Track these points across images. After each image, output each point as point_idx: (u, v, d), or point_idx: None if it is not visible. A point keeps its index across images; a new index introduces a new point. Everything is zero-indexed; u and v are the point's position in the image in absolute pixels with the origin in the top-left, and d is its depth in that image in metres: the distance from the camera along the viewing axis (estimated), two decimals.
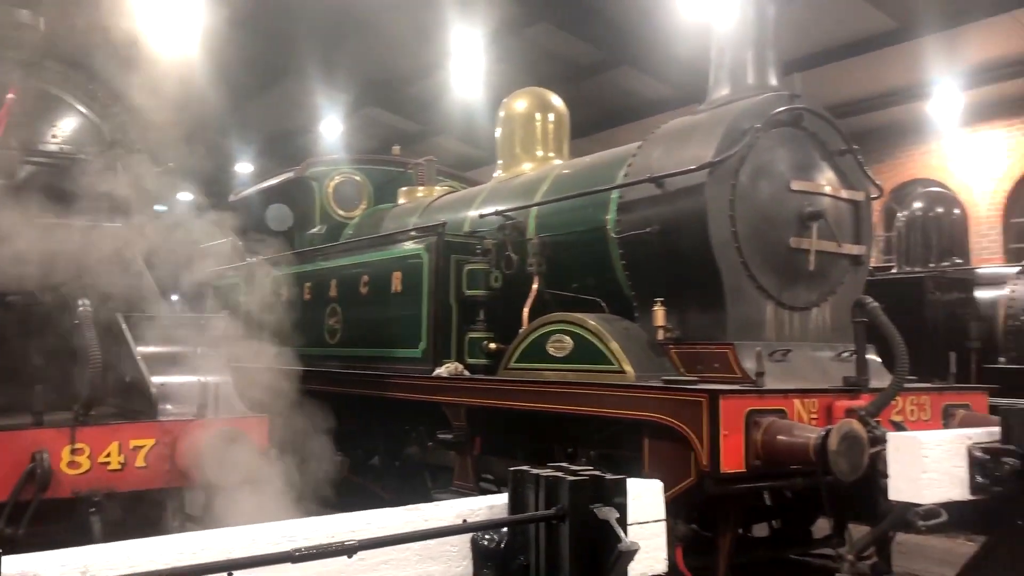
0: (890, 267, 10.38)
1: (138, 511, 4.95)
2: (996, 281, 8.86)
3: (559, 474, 2.18)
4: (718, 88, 6.07)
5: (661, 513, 2.58)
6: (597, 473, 2.21)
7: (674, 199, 5.49)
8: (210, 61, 7.54)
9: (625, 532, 2.14)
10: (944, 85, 13.50)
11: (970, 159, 14.75)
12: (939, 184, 15.24)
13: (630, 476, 2.63)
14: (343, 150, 20.92)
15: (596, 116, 16.94)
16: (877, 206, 15.68)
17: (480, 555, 2.21)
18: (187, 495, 5.32)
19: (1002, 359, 8.33)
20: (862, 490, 4.57)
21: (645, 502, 2.53)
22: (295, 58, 17.58)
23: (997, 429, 3.62)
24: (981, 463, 3.49)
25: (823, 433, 4.20)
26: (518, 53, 15.38)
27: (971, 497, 3.51)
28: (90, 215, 5.65)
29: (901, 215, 10.19)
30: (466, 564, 2.22)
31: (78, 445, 4.62)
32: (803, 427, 4.47)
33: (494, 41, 14.91)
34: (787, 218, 5.50)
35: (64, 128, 5.95)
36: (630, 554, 2.06)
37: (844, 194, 5.83)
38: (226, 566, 1.77)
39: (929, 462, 3.37)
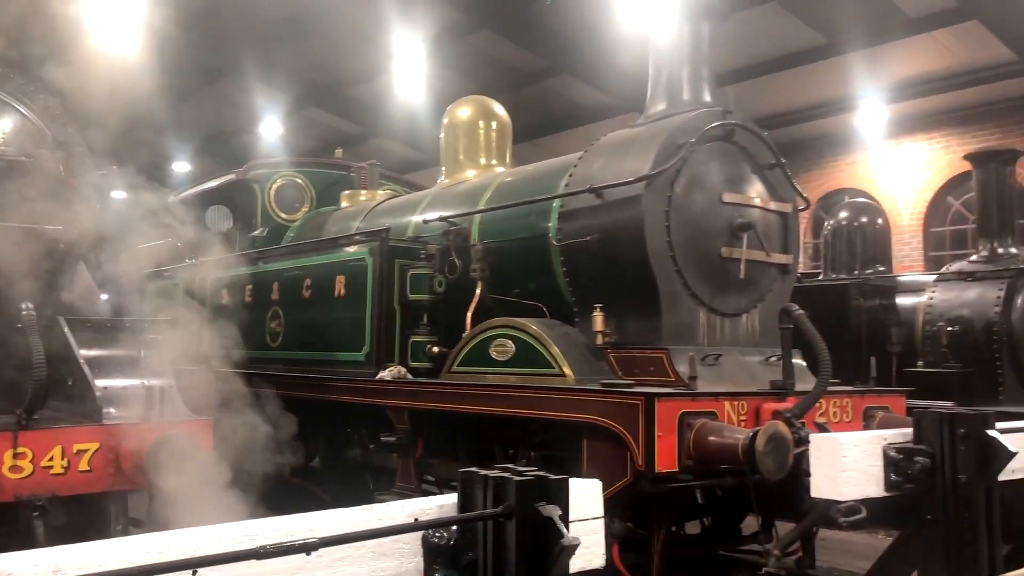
0: (817, 274, 10.74)
1: (82, 515, 4.95)
2: (916, 288, 9.23)
3: (506, 475, 2.32)
4: (655, 103, 6.29)
5: (600, 511, 2.73)
6: (541, 474, 2.35)
7: (613, 209, 5.68)
8: (149, 60, 7.50)
9: (567, 529, 2.29)
10: (869, 99, 14.02)
11: (893, 170, 15.32)
12: (865, 194, 15.83)
13: (569, 476, 2.79)
14: (283, 151, 20.75)
15: (538, 122, 17.15)
16: (806, 214, 16.29)
17: (431, 552, 2.34)
18: (131, 499, 5.33)
19: (920, 363, 8.66)
20: (787, 488, 4.81)
21: (584, 501, 2.68)
22: (234, 58, 17.42)
23: (910, 430, 3.87)
24: (895, 462, 3.72)
25: (751, 434, 4.42)
26: (461, 58, 15.50)
27: (886, 494, 3.74)
28: (31, 217, 5.60)
29: (828, 224, 10.55)
30: (417, 560, 2.34)
31: (20, 449, 4.61)
32: (733, 428, 4.68)
33: (437, 46, 14.99)
34: (719, 229, 5.73)
35: (4, 129, 5.89)
36: (572, 549, 2.21)
37: (773, 206, 6.09)
38: (195, 563, 1.87)
39: (848, 461, 3.59)
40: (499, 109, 8.57)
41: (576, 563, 2.57)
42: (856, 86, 13.60)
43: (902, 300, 9.25)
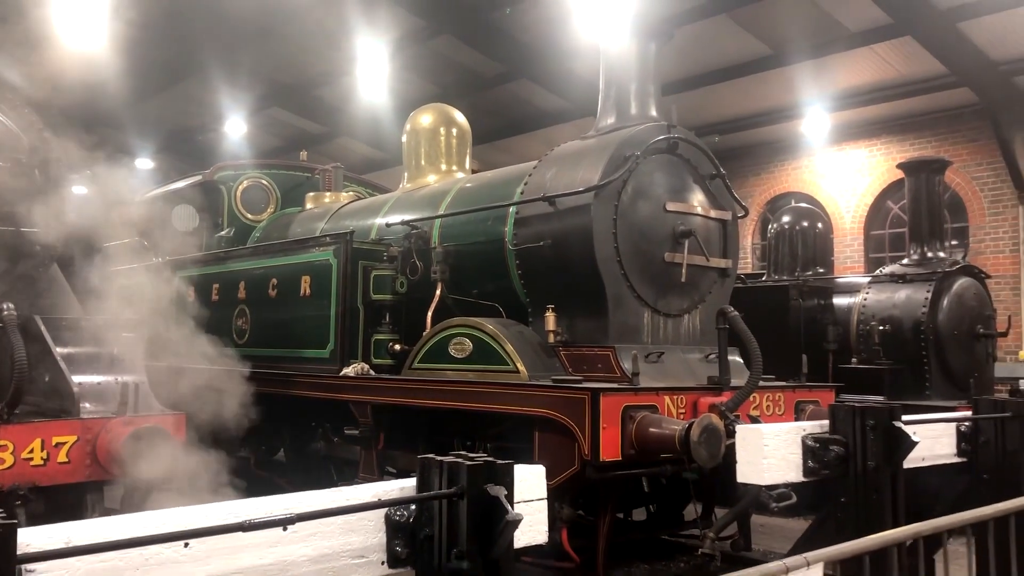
0: (762, 275, 11.15)
1: (60, 504, 5.15)
2: (852, 289, 9.68)
3: (459, 460, 2.61)
4: (605, 116, 6.62)
5: (543, 493, 3.04)
6: (490, 459, 2.65)
7: (564, 217, 6.00)
8: (113, 60, 7.64)
9: (512, 507, 2.59)
10: (814, 108, 14.50)
11: (837, 175, 15.84)
12: (810, 197, 16.35)
13: (518, 463, 3.09)
14: (248, 149, 20.80)
15: (498, 124, 17.43)
16: (755, 216, 16.75)
17: (392, 528, 2.63)
18: (106, 489, 5.54)
19: (854, 360, 9.10)
20: (722, 476, 5.17)
21: (530, 484, 2.99)
22: (199, 58, 17.43)
23: (827, 422, 4.23)
24: (812, 450, 4.08)
25: (687, 426, 4.77)
26: (423, 62, 15.71)
27: (804, 479, 4.09)
28: (9, 221, 5.77)
29: (771, 228, 10.97)
30: (381, 536, 2.63)
31: (2, 442, 4.82)
32: (671, 420, 5.03)
33: (399, 49, 15.19)
34: (663, 235, 6.08)
35: None
36: (515, 523, 2.51)
37: (713, 214, 6.45)
38: (187, 535, 2.15)
39: (769, 450, 3.93)
40: (459, 116, 8.84)
41: (523, 538, 2.89)
42: (801, 95, 14.06)
43: (839, 300, 9.69)
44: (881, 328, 8.85)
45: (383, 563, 2.63)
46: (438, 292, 6.91)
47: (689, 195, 6.34)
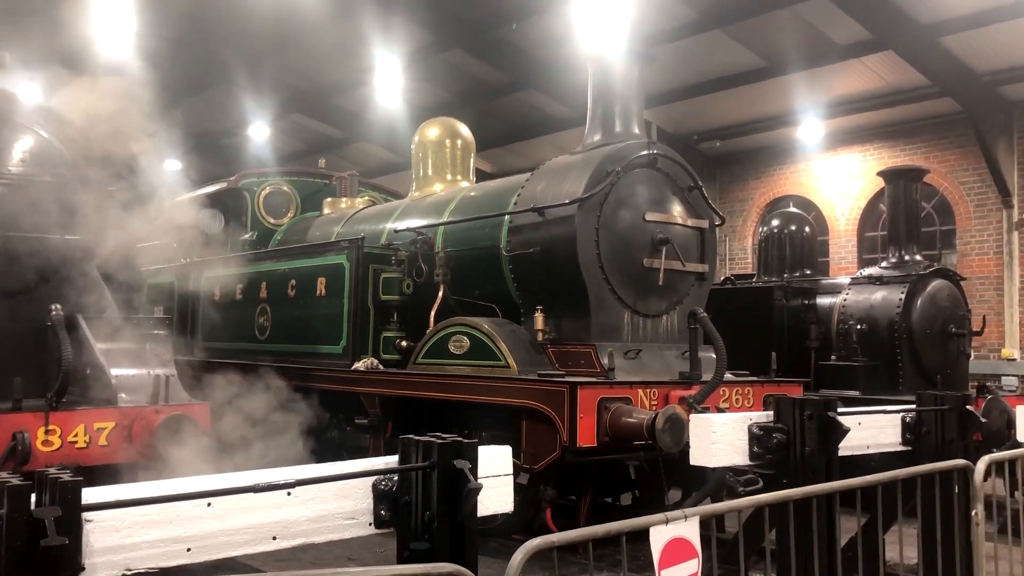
0: (753, 276, 11.57)
1: (100, 482, 5.68)
2: (834, 290, 10.08)
3: (432, 439, 3.12)
4: (592, 134, 7.10)
5: (509, 469, 3.52)
6: (458, 438, 3.15)
7: (551, 226, 6.49)
8: (146, 71, 8.16)
9: (475, 479, 3.09)
10: (809, 115, 14.90)
11: (832, 179, 16.20)
12: (807, 200, 16.74)
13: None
14: (270, 153, 21.42)
15: (508, 129, 17.96)
16: (754, 219, 17.11)
17: (378, 495, 3.12)
18: (141, 469, 6.07)
19: (833, 357, 9.51)
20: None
21: (497, 462, 3.48)
22: (225, 68, 18.04)
23: (772, 412, 4.68)
24: (757, 437, 4.52)
25: (653, 416, 5.25)
26: (435, 72, 16.25)
27: (750, 463, 4.56)
28: (54, 229, 6.30)
29: (761, 231, 11.39)
30: (368, 501, 3.13)
31: (51, 427, 5.34)
32: (641, 411, 5.51)
33: (413, 61, 15.72)
34: (642, 243, 6.55)
35: (30, 152, 6.56)
36: (476, 491, 3.00)
37: (691, 223, 6.91)
38: (209, 494, 2.67)
39: (717, 436, 4.38)
40: (464, 129, 9.33)
41: (491, 507, 3.38)
42: (796, 103, 14.47)
43: (822, 300, 10.09)
44: (859, 327, 9.26)
45: (370, 524, 3.14)
46: (440, 293, 7.41)
47: (668, 205, 6.80)
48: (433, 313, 7.36)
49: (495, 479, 3.43)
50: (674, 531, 2.48)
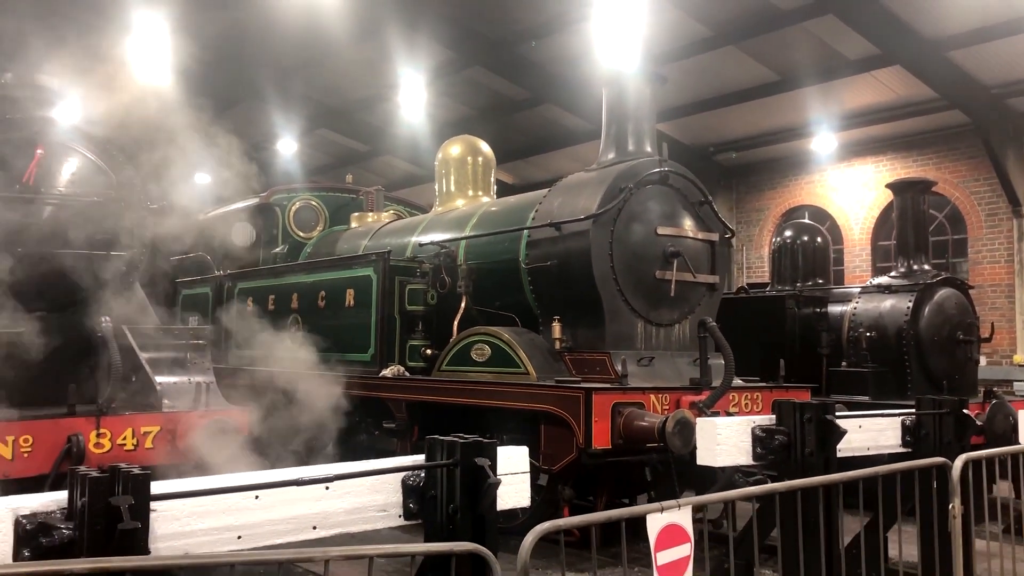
0: (766, 285, 11.77)
1: None
2: (844, 299, 10.27)
3: (455, 439, 3.41)
4: (607, 152, 7.38)
5: (526, 467, 3.80)
6: (479, 439, 3.44)
7: (567, 240, 6.78)
8: (178, 90, 8.50)
9: (495, 475, 3.38)
10: (822, 127, 15.10)
11: (847, 189, 16.37)
12: (822, 210, 16.91)
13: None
14: (299, 166, 21.87)
15: (529, 142, 18.29)
16: (771, 227, 17.27)
17: (406, 489, 3.42)
18: (184, 471, 6.40)
19: (844, 363, 9.70)
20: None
21: (515, 461, 3.76)
22: (254, 84, 18.50)
23: (774, 416, 4.93)
24: (760, 439, 4.76)
25: (664, 419, 5.50)
26: (457, 88, 16.61)
27: (753, 463, 4.80)
28: (101, 245, 6.65)
29: (775, 241, 11.60)
30: (398, 495, 3.42)
31: (102, 430, 5.68)
32: (652, 415, 5.77)
33: (436, 78, 16.09)
34: (654, 255, 6.82)
35: (79, 175, 6.91)
36: (495, 486, 3.29)
37: (701, 236, 7.17)
38: (258, 486, 2.97)
39: (722, 437, 4.63)
40: (484, 146, 9.64)
41: (509, 501, 3.66)
42: (810, 116, 14.68)
43: (833, 309, 10.30)
44: (868, 334, 9.45)
45: (400, 516, 3.43)
46: (463, 304, 7.69)
47: (679, 220, 7.06)
48: (456, 322, 7.65)
49: (513, 476, 3.72)
50: (668, 518, 2.75)
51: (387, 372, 7.87)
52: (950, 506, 4.05)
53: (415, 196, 17.22)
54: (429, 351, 7.88)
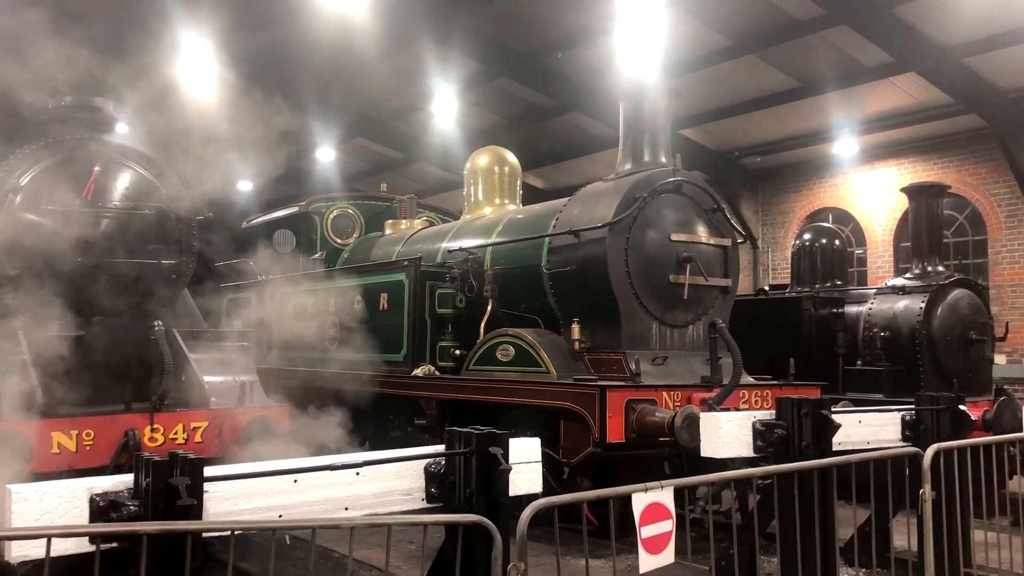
0: (786, 286, 11.95)
1: None
2: (860, 300, 10.44)
3: (471, 431, 3.75)
4: (624, 163, 7.68)
5: (537, 457, 4.11)
6: (493, 430, 3.77)
7: (585, 247, 7.09)
8: (225, 104, 8.90)
9: (506, 462, 3.71)
10: (843, 131, 15.22)
11: (869, 192, 16.44)
12: (845, 212, 17.00)
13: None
14: (336, 174, 22.39)
15: (557, 148, 18.61)
16: (795, 228, 17.37)
17: (428, 476, 3.76)
18: (231, 461, 6.80)
19: (859, 362, 9.87)
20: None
21: (527, 451, 4.08)
22: (294, 96, 19.01)
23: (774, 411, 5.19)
24: (760, 432, 5.03)
25: (673, 415, 5.79)
26: (487, 98, 16.97)
27: (754, 455, 5.07)
28: (153, 255, 7.08)
29: (794, 244, 11.79)
30: (421, 481, 3.77)
31: (156, 425, 6.10)
32: (663, 411, 6.06)
33: (467, 88, 16.46)
34: (668, 260, 7.10)
35: (132, 189, 7.32)
36: (506, 472, 3.61)
37: (713, 241, 7.43)
38: (296, 471, 3.33)
39: (723, 431, 4.91)
40: (511, 156, 9.97)
41: (522, 488, 3.99)
42: (832, 120, 14.81)
43: (849, 310, 10.47)
44: (882, 334, 9.62)
45: (422, 500, 3.78)
46: (489, 307, 8.03)
47: (692, 226, 7.34)
48: (483, 324, 7.98)
49: (525, 465, 4.04)
50: (652, 498, 3.06)
51: (418, 372, 8.22)
52: (921, 491, 4.29)
53: (447, 201, 17.60)
54: (458, 352, 8.21)
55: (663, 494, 3.08)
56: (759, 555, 5.44)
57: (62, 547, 2.82)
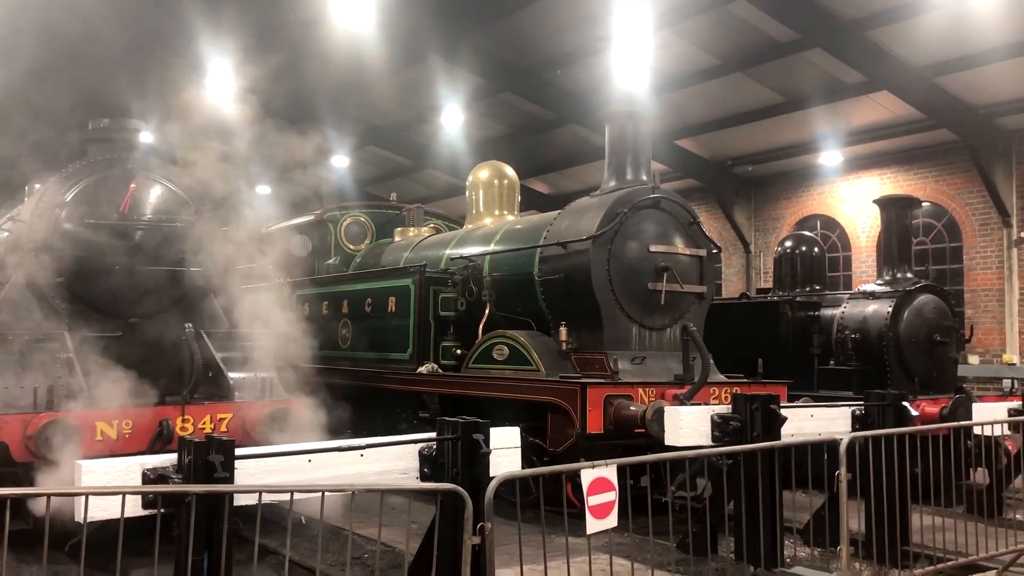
0: (769, 291, 12.45)
1: None
2: (835, 304, 10.93)
3: (457, 420, 4.34)
4: (608, 180, 8.24)
5: (517, 443, 4.70)
6: (476, 420, 4.36)
7: (572, 257, 7.66)
8: (246, 117, 9.42)
9: (487, 447, 4.29)
10: (829, 142, 15.74)
11: (854, 200, 16.93)
12: (831, 219, 17.50)
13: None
14: (350, 179, 23.01)
15: (559, 156, 19.21)
16: (785, 235, 17.78)
17: (422, 458, 4.35)
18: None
19: (832, 362, 10.38)
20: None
21: (508, 438, 4.67)
22: (311, 108, 19.63)
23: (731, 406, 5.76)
24: (717, 424, 5.60)
25: (644, 408, 6.36)
26: (492, 110, 17.58)
27: (712, 444, 5.62)
28: (182, 263, 7.65)
29: (776, 251, 12.30)
30: (415, 462, 4.36)
31: (186, 416, 6.66)
32: (638, 405, 6.62)
33: (472, 100, 17.07)
34: (647, 269, 7.66)
35: (164, 203, 7.87)
36: (486, 455, 4.20)
37: (690, 252, 7.98)
38: (310, 451, 3.93)
39: (684, 423, 5.49)
40: (509, 171, 10.52)
41: (503, 468, 4.56)
42: (817, 133, 15.34)
43: (824, 313, 10.97)
44: (853, 336, 10.12)
45: (417, 478, 4.37)
46: (487, 310, 8.57)
47: (670, 238, 7.88)
48: (481, 326, 8.54)
49: (504, 450, 4.63)
50: (597, 473, 3.63)
51: (423, 369, 8.77)
52: (836, 473, 4.85)
53: (455, 205, 18.17)
54: (459, 351, 8.75)
55: (608, 471, 3.66)
56: (720, 533, 6.00)
57: (118, 512, 3.41)
